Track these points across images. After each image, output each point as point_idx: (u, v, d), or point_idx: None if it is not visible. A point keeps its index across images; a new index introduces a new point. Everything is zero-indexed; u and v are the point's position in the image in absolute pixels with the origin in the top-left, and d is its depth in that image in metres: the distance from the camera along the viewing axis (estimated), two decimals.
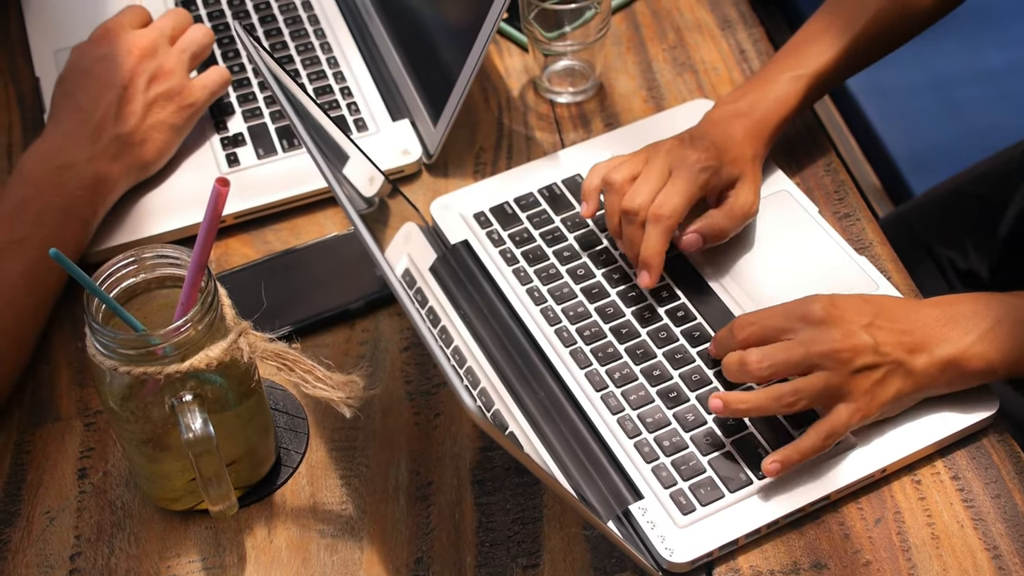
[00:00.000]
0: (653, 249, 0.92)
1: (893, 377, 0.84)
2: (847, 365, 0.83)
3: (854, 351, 0.83)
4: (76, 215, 0.99)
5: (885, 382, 0.84)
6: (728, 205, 0.95)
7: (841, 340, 0.83)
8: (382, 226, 1.00)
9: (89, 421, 0.93)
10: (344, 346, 0.97)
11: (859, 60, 1.02)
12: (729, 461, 0.86)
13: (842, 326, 0.84)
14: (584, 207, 0.96)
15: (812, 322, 0.84)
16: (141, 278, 0.82)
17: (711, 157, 0.93)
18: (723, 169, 0.94)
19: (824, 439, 0.83)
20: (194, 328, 0.78)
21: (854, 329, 0.83)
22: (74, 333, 0.98)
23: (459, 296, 0.97)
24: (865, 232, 1.01)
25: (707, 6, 1.20)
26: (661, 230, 0.92)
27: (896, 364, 0.84)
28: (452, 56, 1.05)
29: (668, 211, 0.91)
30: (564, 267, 0.98)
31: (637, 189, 0.93)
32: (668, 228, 0.92)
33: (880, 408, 0.84)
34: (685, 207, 0.92)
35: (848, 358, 0.83)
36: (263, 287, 0.99)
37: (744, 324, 0.87)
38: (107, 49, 1.04)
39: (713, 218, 0.94)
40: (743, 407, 0.84)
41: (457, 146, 1.10)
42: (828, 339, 0.83)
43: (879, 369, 0.84)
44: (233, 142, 1.09)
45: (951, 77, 1.57)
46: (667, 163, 0.94)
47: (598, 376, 0.91)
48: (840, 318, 0.84)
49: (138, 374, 0.77)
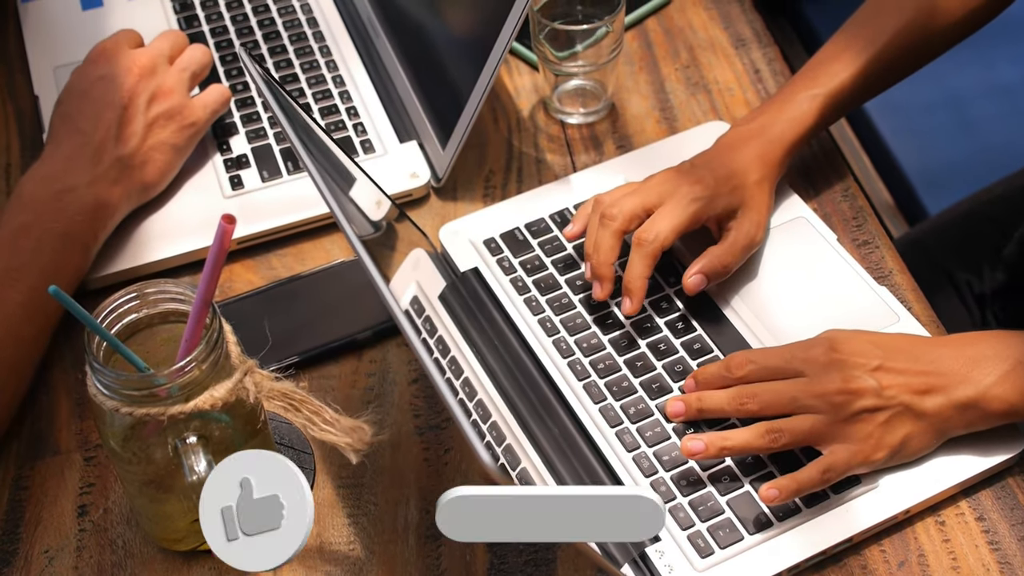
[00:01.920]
0: (635, 273, 0.90)
1: (900, 420, 0.82)
2: (843, 409, 0.81)
3: (852, 395, 0.81)
4: (76, 241, 0.96)
5: (891, 425, 0.82)
6: (730, 239, 0.92)
7: (839, 383, 0.81)
8: (389, 251, 0.98)
9: (89, 455, 0.91)
10: (351, 378, 0.94)
11: (879, 81, 0.99)
12: (748, 501, 0.83)
13: (844, 370, 0.82)
14: (570, 226, 0.95)
15: (814, 365, 0.82)
16: (144, 313, 0.79)
17: (705, 188, 0.91)
18: (717, 200, 0.92)
19: (822, 474, 0.81)
20: (198, 368, 0.75)
21: (856, 373, 0.82)
22: (74, 363, 0.96)
23: (469, 325, 0.95)
24: (884, 260, 0.99)
25: (720, 24, 1.18)
26: (643, 254, 0.90)
27: (902, 407, 0.82)
28: (462, 76, 1.02)
29: (652, 235, 0.89)
30: (576, 296, 0.96)
31: (620, 199, 0.91)
32: (650, 254, 0.89)
33: (889, 452, 0.82)
34: (670, 235, 0.90)
35: (844, 401, 0.81)
36: (267, 316, 0.97)
37: (743, 362, 0.85)
38: (105, 69, 1.02)
39: (713, 255, 0.92)
40: (728, 444, 0.82)
41: (466, 168, 1.07)
42: (825, 382, 0.82)
43: (883, 412, 0.82)
44: (236, 164, 1.07)
45: (965, 93, 1.55)
46: (660, 191, 0.92)
47: (612, 411, 0.89)
48: (844, 362, 0.82)
49: (140, 415, 0.75)
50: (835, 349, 0.83)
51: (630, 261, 0.90)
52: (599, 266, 0.91)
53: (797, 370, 0.83)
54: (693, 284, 0.91)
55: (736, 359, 0.85)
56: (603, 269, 0.91)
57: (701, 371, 0.87)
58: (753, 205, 0.93)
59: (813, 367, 0.83)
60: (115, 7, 1.21)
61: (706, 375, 0.87)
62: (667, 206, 0.91)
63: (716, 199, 0.92)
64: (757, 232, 0.93)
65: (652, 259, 0.90)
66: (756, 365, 0.84)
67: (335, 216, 0.75)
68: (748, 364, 0.85)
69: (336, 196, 0.78)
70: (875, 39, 0.97)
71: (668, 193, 0.91)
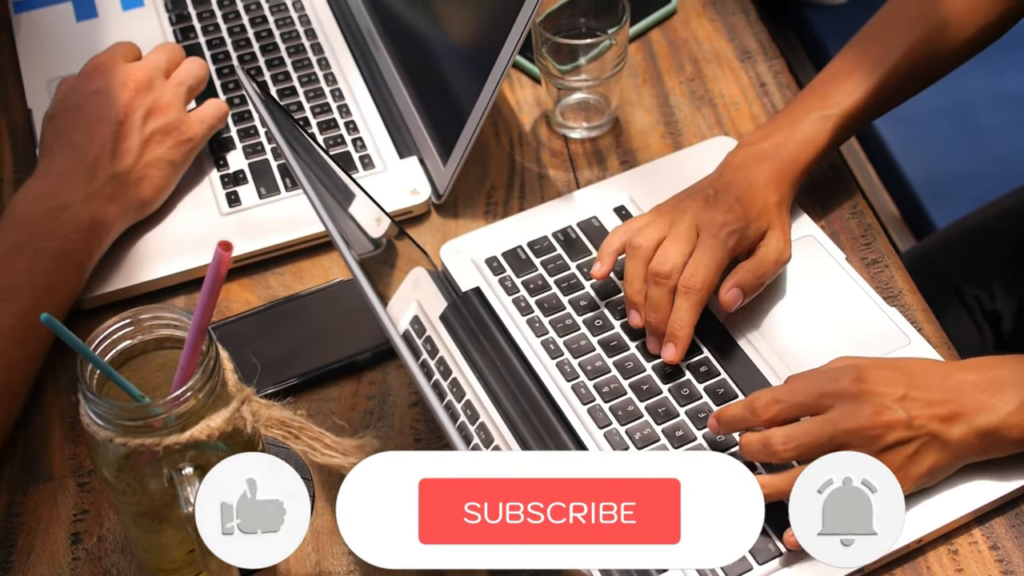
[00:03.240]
0: (683, 322, 0.88)
1: (928, 450, 0.80)
2: (877, 442, 0.79)
3: (885, 428, 0.79)
4: (70, 260, 0.94)
5: (919, 456, 0.80)
6: (759, 256, 0.90)
7: (871, 417, 0.79)
8: (389, 269, 0.96)
9: (83, 481, 0.89)
10: (351, 400, 0.93)
11: (890, 99, 0.98)
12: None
13: (873, 401, 0.79)
14: (599, 266, 0.92)
15: (843, 398, 0.80)
16: (138, 339, 0.77)
17: (738, 218, 0.89)
18: (750, 228, 0.90)
19: None
20: (195, 397, 0.73)
21: (887, 404, 0.79)
22: (68, 384, 0.94)
23: (471, 347, 0.93)
24: (894, 279, 0.97)
25: (725, 36, 1.16)
26: (692, 303, 0.87)
27: (930, 437, 0.80)
28: (463, 90, 1.00)
29: (700, 283, 0.87)
30: (581, 317, 0.94)
31: (666, 253, 0.88)
32: (699, 301, 0.88)
33: (914, 483, 0.81)
34: (716, 277, 0.88)
35: (878, 435, 0.79)
36: (264, 337, 0.95)
37: (770, 403, 0.81)
38: (100, 83, 1.00)
39: (746, 270, 0.90)
40: (764, 492, 0.80)
41: (468, 184, 1.06)
42: (858, 416, 0.79)
43: (912, 443, 0.80)
44: (234, 180, 1.05)
45: (971, 101, 1.53)
46: (694, 226, 0.90)
47: (618, 436, 0.87)
48: (872, 392, 0.80)
49: (135, 446, 0.73)
50: (861, 379, 0.80)
51: (677, 308, 0.88)
52: (660, 324, 0.89)
53: (825, 405, 0.80)
54: (731, 298, 0.89)
55: (761, 400, 0.82)
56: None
57: (723, 412, 0.84)
58: (778, 224, 0.91)
59: (842, 400, 0.80)
60: (110, 18, 1.19)
61: (729, 417, 0.83)
62: (705, 245, 0.89)
63: (749, 227, 0.90)
64: (785, 249, 0.92)
65: (701, 307, 0.88)
66: (784, 404, 0.81)
67: (332, 237, 0.74)
68: (775, 405, 0.81)
69: (334, 215, 0.77)
70: (886, 57, 0.95)
71: (703, 226, 0.89)
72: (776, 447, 0.79)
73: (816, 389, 0.81)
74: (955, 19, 0.97)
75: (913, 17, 0.96)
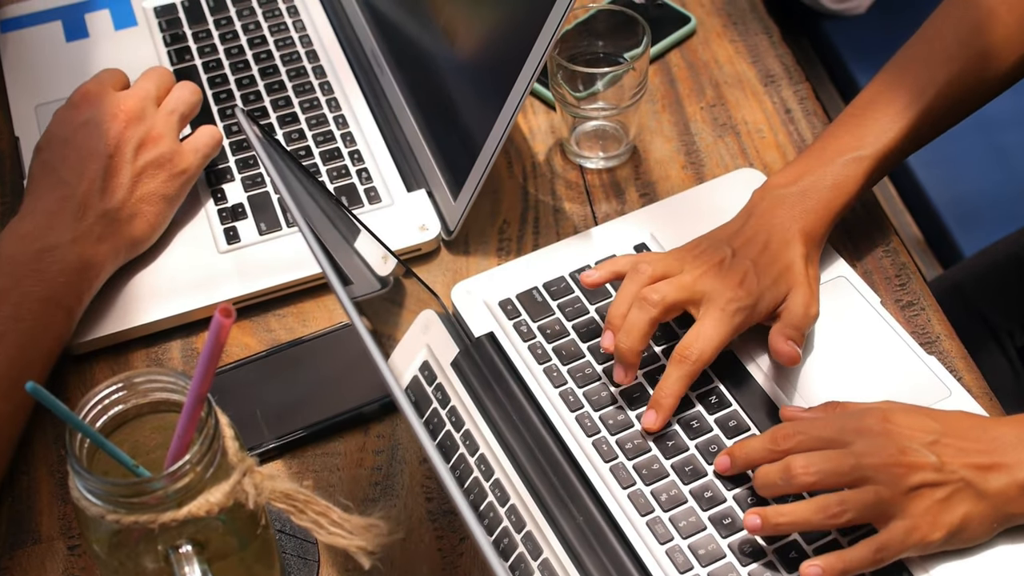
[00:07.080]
0: (669, 391, 0.83)
1: (961, 498, 0.76)
2: (902, 481, 0.75)
3: (911, 467, 0.75)
4: (59, 304, 0.89)
5: (950, 503, 0.76)
6: (784, 320, 0.86)
7: (896, 455, 0.75)
8: (398, 309, 0.91)
9: (73, 544, 0.84)
10: (357, 455, 0.87)
11: (925, 135, 0.92)
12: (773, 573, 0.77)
13: (899, 442, 0.76)
14: (593, 271, 0.88)
15: (867, 435, 0.76)
16: (132, 404, 0.72)
17: (748, 294, 0.84)
18: (762, 303, 0.85)
19: (875, 553, 0.75)
20: (193, 471, 0.68)
21: (914, 446, 0.76)
22: (56, 439, 0.89)
23: (485, 397, 0.88)
24: (931, 324, 0.92)
25: (747, 59, 1.11)
26: (684, 374, 0.83)
27: (964, 483, 0.76)
28: (476, 121, 0.95)
29: (696, 355, 0.83)
30: (601, 366, 0.89)
31: (663, 287, 0.84)
32: (691, 375, 0.83)
33: (947, 532, 0.76)
34: (713, 354, 0.84)
35: (903, 474, 0.75)
36: (266, 385, 0.90)
37: (791, 433, 0.78)
38: (89, 114, 0.94)
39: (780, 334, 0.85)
40: (783, 520, 0.77)
41: (479, 219, 1.00)
42: (881, 452, 0.75)
43: (942, 488, 0.75)
44: (232, 214, 0.99)
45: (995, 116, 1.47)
46: (703, 287, 0.85)
47: (642, 497, 0.82)
48: (899, 433, 0.76)
49: (128, 523, 0.68)
50: (888, 420, 0.77)
51: (667, 376, 0.84)
52: (628, 353, 0.84)
53: (848, 441, 0.77)
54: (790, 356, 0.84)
55: (783, 431, 0.79)
56: (632, 357, 0.84)
57: (740, 447, 0.81)
58: (802, 282, 0.86)
59: (865, 436, 0.77)
60: (102, 39, 1.13)
61: (747, 451, 0.80)
62: (710, 316, 0.84)
63: (760, 303, 0.85)
64: (812, 305, 0.87)
65: (692, 380, 0.84)
66: (806, 436, 0.78)
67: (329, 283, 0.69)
68: (797, 435, 0.78)
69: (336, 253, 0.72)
70: (925, 91, 0.90)
71: (711, 295, 0.84)
72: (796, 471, 0.76)
73: (840, 424, 0.78)
74: (995, 50, 0.91)
75: (952, 49, 0.91)
